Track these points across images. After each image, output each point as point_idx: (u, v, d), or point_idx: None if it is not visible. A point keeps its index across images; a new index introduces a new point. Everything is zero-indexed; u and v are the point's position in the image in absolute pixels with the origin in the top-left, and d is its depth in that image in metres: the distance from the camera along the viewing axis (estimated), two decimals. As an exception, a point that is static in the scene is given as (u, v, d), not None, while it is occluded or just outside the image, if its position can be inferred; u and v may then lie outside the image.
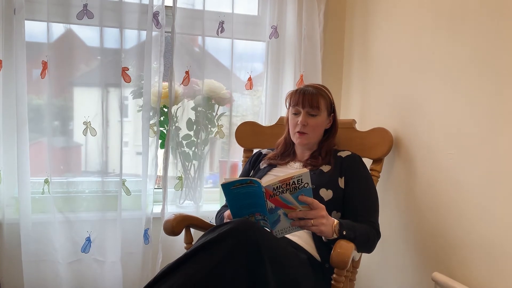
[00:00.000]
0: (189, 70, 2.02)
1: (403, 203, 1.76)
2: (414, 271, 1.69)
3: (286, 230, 1.32)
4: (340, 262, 1.25)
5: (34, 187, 1.87)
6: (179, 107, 2.06)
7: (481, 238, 1.37)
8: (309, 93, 1.58)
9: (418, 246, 1.67)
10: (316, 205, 1.29)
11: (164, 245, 1.94)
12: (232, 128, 2.06)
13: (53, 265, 1.85)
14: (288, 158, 1.69)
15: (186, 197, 2.09)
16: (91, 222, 1.90)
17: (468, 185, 1.42)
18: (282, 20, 2.10)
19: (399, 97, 1.79)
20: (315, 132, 1.61)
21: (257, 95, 2.22)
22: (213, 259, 1.14)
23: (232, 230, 1.17)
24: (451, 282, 1.41)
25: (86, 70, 1.94)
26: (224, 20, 2.04)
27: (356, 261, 1.60)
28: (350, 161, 1.59)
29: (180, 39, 2.00)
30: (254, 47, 2.17)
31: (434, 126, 1.57)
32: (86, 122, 1.90)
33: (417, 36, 1.68)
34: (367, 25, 2.03)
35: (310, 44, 2.09)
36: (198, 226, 1.67)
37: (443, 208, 1.53)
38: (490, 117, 1.34)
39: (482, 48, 1.37)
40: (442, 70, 1.54)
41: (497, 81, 1.31)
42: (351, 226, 1.37)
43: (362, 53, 2.07)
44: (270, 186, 1.23)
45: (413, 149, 1.69)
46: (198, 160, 2.07)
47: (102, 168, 1.92)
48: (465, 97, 1.43)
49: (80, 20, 1.85)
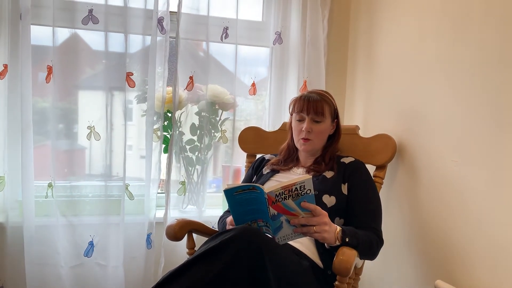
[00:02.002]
0: (193, 75, 2.03)
1: (406, 210, 1.75)
2: (417, 279, 1.68)
3: (288, 236, 1.32)
4: (343, 269, 1.25)
5: (38, 191, 1.87)
6: (183, 112, 2.06)
7: (485, 246, 1.36)
8: (313, 99, 1.58)
9: (421, 253, 1.66)
10: (319, 211, 1.29)
11: (166, 250, 1.94)
12: (236, 133, 2.06)
13: (55, 269, 1.86)
14: (291, 164, 1.69)
15: (189, 202, 2.09)
16: (94, 226, 1.91)
17: (472, 193, 1.41)
18: (286, 26, 2.11)
19: (403, 103, 1.79)
20: (319, 138, 1.61)
21: (260, 100, 2.22)
22: (215, 267, 1.14)
23: (234, 238, 1.17)
24: (454, 290, 1.41)
25: (90, 73, 1.94)
26: (228, 26, 2.04)
27: (358, 268, 1.59)
28: (353, 167, 1.59)
29: (185, 44, 2.01)
30: (258, 52, 2.18)
31: (438, 133, 1.57)
32: (90, 126, 1.91)
33: (421, 43, 1.68)
34: (371, 31, 2.03)
35: (314, 50, 2.10)
36: (200, 231, 1.67)
37: (447, 215, 1.52)
38: (494, 124, 1.33)
39: (486, 54, 1.36)
40: (446, 76, 1.54)
41: (501, 87, 1.31)
42: (353, 233, 1.37)
43: (365, 59, 2.08)
44: (273, 192, 1.23)
45: (417, 156, 1.69)
46: (201, 165, 2.08)
47: (106, 172, 1.93)
48: (469, 103, 1.43)
49: (85, 25, 1.86)
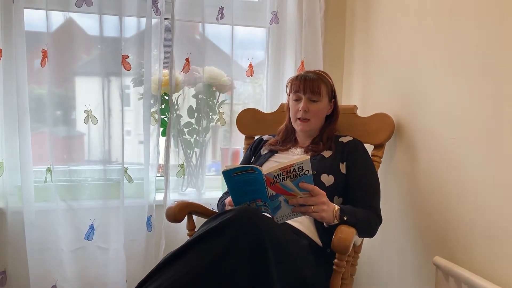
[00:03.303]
0: (189, 57, 2.01)
1: (404, 188, 1.76)
2: (416, 256, 1.69)
3: (287, 216, 1.33)
4: (342, 247, 1.26)
5: (36, 176, 1.87)
6: (180, 95, 2.05)
7: (483, 223, 1.37)
8: (310, 79, 1.58)
9: (419, 230, 1.67)
10: (317, 191, 1.29)
11: (166, 232, 1.95)
12: (234, 115, 2.05)
13: (57, 253, 1.87)
14: (289, 144, 1.69)
15: (188, 184, 2.10)
16: (94, 210, 1.91)
17: (469, 170, 1.42)
18: (282, 5, 2.08)
19: (401, 82, 1.78)
20: (316, 118, 1.61)
21: (258, 82, 2.21)
22: (216, 248, 1.14)
23: (234, 218, 1.18)
24: (452, 266, 1.42)
25: (86, 59, 1.92)
26: (224, 6, 2.01)
27: (357, 246, 1.61)
28: (351, 147, 1.59)
29: (180, 26, 1.98)
30: (254, 33, 2.15)
31: (436, 111, 1.56)
32: (87, 110, 1.90)
33: (419, 21, 1.66)
34: (369, 10, 2.00)
35: (311, 30, 2.07)
36: (200, 213, 1.68)
37: (444, 193, 1.53)
38: (492, 102, 1.33)
39: (485, 32, 1.35)
40: (443, 55, 1.52)
41: (499, 65, 1.30)
42: (352, 212, 1.37)
43: (363, 39, 2.06)
44: (271, 174, 1.24)
45: (415, 135, 1.68)
46: (200, 148, 2.07)
47: (105, 157, 1.93)
48: (466, 82, 1.42)
49: (79, 8, 1.83)
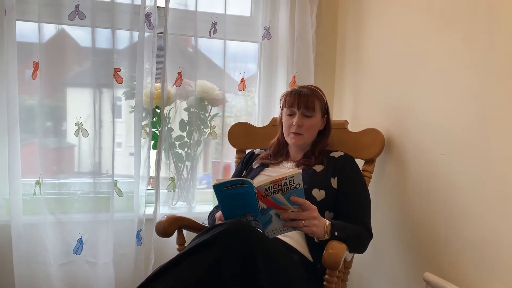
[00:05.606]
0: (181, 71, 2.02)
1: (395, 203, 1.76)
2: (406, 271, 1.69)
3: (278, 230, 1.32)
4: (332, 263, 1.25)
5: (25, 189, 1.85)
6: (172, 108, 2.05)
7: (473, 239, 1.37)
8: (304, 94, 1.59)
9: (410, 246, 1.67)
10: (308, 206, 1.29)
11: (156, 246, 1.93)
12: (225, 128, 2.05)
13: (44, 267, 1.84)
14: (281, 158, 1.69)
15: (179, 198, 2.09)
16: (83, 223, 1.89)
17: (459, 186, 1.43)
18: (274, 21, 2.10)
19: (391, 98, 1.80)
20: (309, 133, 1.62)
21: (250, 95, 2.22)
22: (206, 261, 1.14)
23: (225, 232, 1.17)
24: (442, 282, 1.42)
25: (78, 70, 1.92)
26: (217, 21, 2.03)
27: (348, 262, 1.60)
28: (343, 161, 1.60)
29: (173, 39, 1.99)
30: (247, 48, 2.17)
31: (426, 127, 1.58)
32: (78, 123, 1.89)
33: (409, 37, 1.68)
34: (360, 26, 2.03)
35: (302, 45, 2.09)
36: (190, 227, 1.67)
37: (435, 209, 1.53)
38: (482, 118, 1.34)
39: (474, 49, 1.37)
40: (433, 71, 1.55)
41: (488, 82, 1.32)
42: (343, 227, 1.37)
43: (354, 54, 2.08)
44: (262, 186, 1.23)
45: (405, 150, 1.70)
46: (191, 161, 2.07)
47: (95, 169, 1.91)
48: (456, 98, 1.44)
49: (71, 20, 1.84)
